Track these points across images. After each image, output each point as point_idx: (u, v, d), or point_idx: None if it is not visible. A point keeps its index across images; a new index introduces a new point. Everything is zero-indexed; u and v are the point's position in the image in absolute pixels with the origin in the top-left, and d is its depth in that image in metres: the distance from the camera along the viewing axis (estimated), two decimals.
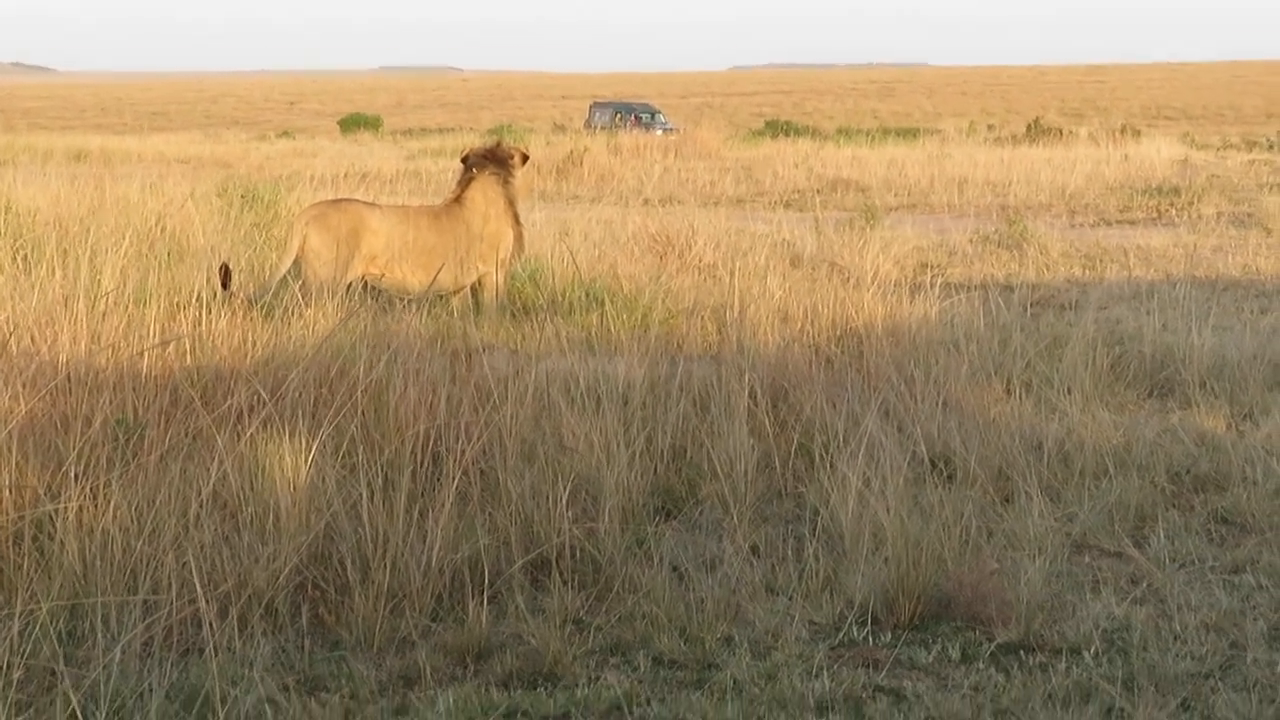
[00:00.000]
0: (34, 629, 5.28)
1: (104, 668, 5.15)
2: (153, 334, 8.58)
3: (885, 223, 20.16)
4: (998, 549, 6.88)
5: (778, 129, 54.14)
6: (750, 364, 8.87)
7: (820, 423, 8.25)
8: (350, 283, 11.17)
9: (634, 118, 57.34)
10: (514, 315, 11.71)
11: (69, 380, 7.52)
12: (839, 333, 10.63)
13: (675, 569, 6.65)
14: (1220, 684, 5.59)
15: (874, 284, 11.94)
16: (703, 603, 6.24)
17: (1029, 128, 49.89)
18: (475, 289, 12.12)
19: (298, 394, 7.58)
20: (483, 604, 6.01)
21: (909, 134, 51.78)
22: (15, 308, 8.85)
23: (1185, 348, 10.57)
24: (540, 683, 5.62)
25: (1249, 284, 15.69)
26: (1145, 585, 6.63)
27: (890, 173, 31.09)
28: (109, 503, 6.14)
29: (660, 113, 61.67)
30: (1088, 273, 16.88)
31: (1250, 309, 13.64)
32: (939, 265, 16.80)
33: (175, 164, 33.31)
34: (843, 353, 10.09)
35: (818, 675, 5.63)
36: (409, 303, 10.76)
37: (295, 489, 6.50)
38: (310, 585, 6.21)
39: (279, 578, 6.09)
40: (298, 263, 11.48)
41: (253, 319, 9.30)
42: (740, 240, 16.01)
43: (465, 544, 6.41)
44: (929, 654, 5.91)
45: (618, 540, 6.77)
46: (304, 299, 9.91)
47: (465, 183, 12.28)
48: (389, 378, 7.84)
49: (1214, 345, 10.68)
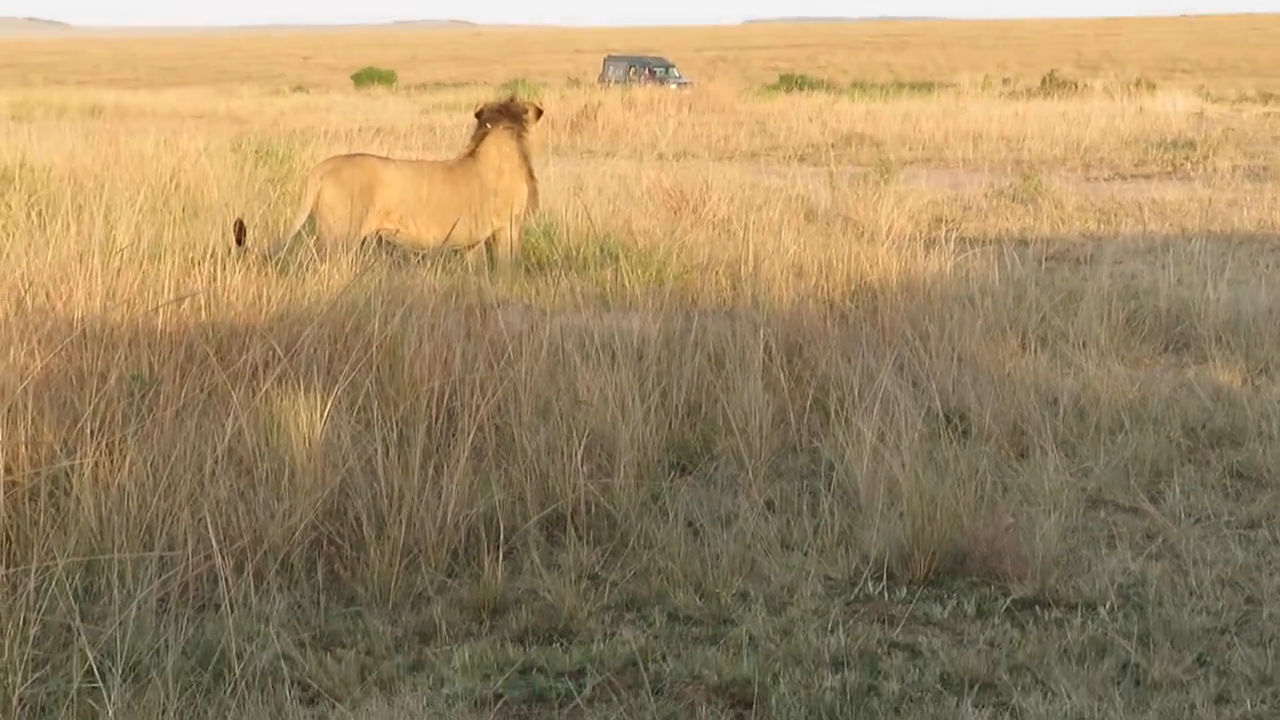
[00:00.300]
0: (50, 585, 5.30)
1: (120, 624, 5.17)
2: (168, 290, 8.58)
3: (900, 177, 20.10)
4: (1013, 504, 6.87)
5: (792, 83, 53.97)
6: (765, 319, 8.86)
7: (835, 378, 8.25)
8: (365, 238, 11.14)
9: (648, 72, 57.11)
10: (528, 270, 11.71)
11: (84, 336, 7.53)
12: (853, 288, 10.62)
13: (690, 524, 6.66)
14: (1236, 639, 5.59)
15: (888, 239, 11.93)
16: (718, 558, 6.25)
17: (1044, 81, 49.78)
18: (490, 244, 12.10)
19: (313, 350, 7.58)
20: (498, 560, 6.02)
21: (923, 88, 51.68)
22: (31, 264, 8.85)
23: (1200, 302, 10.55)
24: (556, 638, 5.63)
25: (1264, 238, 15.63)
26: (1161, 540, 6.62)
27: (904, 127, 30.99)
28: (125, 459, 6.15)
29: (674, 67, 61.46)
30: (1103, 227, 16.83)
31: (1266, 263, 13.58)
32: (953, 220, 16.73)
33: (189, 119, 33.22)
34: (857, 308, 10.08)
35: (833, 630, 5.63)
36: (423, 258, 10.75)
37: (310, 445, 6.51)
38: (325, 541, 6.22)
39: (294, 533, 6.10)
40: (312, 218, 11.47)
41: (267, 275, 9.29)
42: (754, 195, 15.99)
43: (480, 499, 6.42)
44: (944, 609, 5.91)
45: (633, 496, 6.78)
46: (318, 254, 9.90)
47: (479, 137, 12.26)
48: (404, 333, 7.85)
49: (1229, 300, 10.65)
